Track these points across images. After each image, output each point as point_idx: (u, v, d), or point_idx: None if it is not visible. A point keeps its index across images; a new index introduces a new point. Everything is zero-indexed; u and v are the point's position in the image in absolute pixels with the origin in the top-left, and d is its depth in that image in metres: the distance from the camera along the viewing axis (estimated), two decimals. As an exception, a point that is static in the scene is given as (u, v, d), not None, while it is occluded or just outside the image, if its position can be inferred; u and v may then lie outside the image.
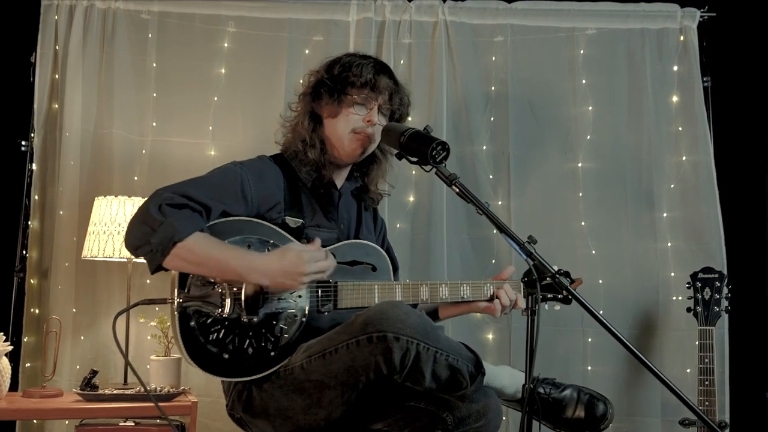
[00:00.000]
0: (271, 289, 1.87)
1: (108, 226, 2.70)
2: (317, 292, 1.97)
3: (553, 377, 2.13)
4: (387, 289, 2.03)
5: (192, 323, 1.85)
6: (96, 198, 2.80)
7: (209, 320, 1.86)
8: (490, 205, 1.80)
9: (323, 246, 1.96)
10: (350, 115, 2.05)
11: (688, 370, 3.01)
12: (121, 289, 2.88)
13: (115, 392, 2.56)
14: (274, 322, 1.91)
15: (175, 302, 1.83)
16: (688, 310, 2.80)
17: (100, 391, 2.56)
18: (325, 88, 2.06)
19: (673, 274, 3.10)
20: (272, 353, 1.90)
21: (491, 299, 2.13)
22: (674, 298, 3.08)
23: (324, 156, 2.08)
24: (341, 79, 2.04)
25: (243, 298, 1.87)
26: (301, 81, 2.11)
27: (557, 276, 1.69)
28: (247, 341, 1.88)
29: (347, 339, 1.79)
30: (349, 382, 1.82)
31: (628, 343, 1.65)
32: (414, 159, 1.88)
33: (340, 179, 2.17)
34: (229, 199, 1.90)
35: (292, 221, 1.99)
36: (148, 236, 1.76)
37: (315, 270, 1.83)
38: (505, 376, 2.05)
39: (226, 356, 1.86)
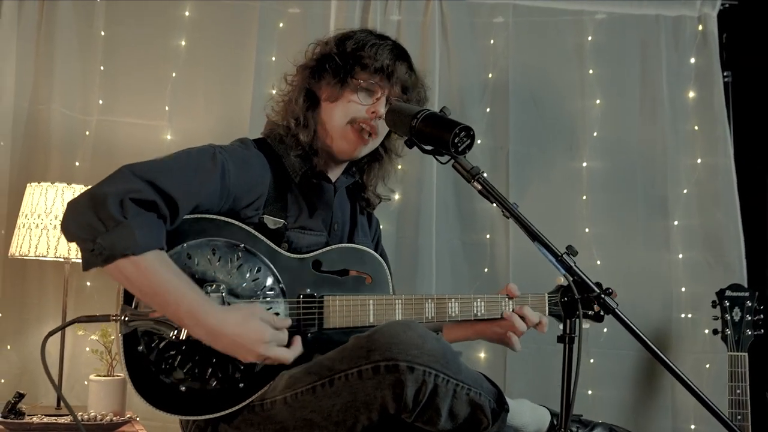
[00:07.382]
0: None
1: (42, 218, 2.35)
2: (298, 308, 1.68)
3: (579, 413, 1.89)
4: (384, 304, 1.75)
5: (140, 348, 1.55)
6: (28, 184, 2.45)
7: (162, 344, 1.56)
8: (519, 206, 1.55)
9: (307, 251, 1.74)
10: (351, 102, 1.79)
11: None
12: (57, 293, 2.57)
13: (45, 420, 2.22)
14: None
15: (120, 321, 1.49)
16: (715, 332, 2.52)
17: (27, 419, 2.21)
18: (331, 65, 1.80)
19: (684, 289, 2.88)
20: (241, 384, 1.60)
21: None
22: (684, 315, 2.86)
23: (316, 141, 1.82)
24: (353, 56, 1.79)
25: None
26: (305, 51, 1.88)
27: (603, 297, 1.46)
28: (210, 370, 1.58)
29: (346, 369, 1.52)
30: (346, 423, 1.55)
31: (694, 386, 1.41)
32: (428, 147, 1.62)
33: (334, 172, 1.90)
34: (206, 192, 1.61)
35: (272, 221, 1.71)
36: (95, 233, 1.44)
37: (273, 356, 1.53)
38: (526, 412, 1.81)
39: (183, 389, 1.57)
